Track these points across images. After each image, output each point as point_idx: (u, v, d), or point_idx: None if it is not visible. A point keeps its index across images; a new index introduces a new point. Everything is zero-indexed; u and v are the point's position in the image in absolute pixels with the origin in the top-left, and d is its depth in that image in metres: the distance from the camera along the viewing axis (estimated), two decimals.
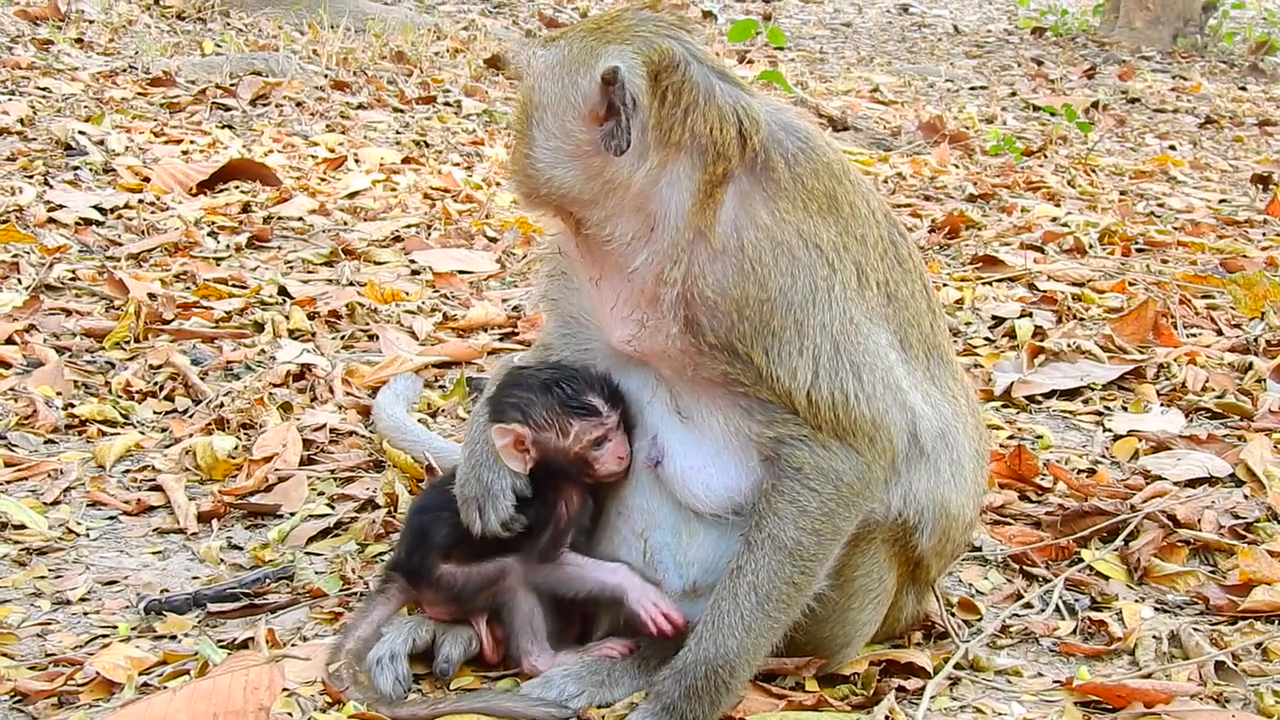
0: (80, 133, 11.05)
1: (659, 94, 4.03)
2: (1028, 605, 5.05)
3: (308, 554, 5.31)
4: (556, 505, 4.41)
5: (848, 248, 4.17)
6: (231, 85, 13.40)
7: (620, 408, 4.38)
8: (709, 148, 4.04)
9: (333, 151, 11.67)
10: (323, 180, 10.83)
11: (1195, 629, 4.78)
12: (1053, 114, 15.93)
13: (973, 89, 18.72)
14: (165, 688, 4.26)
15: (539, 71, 4.15)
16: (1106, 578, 5.22)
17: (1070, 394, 7.04)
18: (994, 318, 8.15)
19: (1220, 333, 7.91)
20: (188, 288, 8.19)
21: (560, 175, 4.13)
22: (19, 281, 8.03)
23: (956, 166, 12.99)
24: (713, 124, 4.04)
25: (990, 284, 8.81)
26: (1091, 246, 9.80)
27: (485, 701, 4.21)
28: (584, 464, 4.38)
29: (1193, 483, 5.96)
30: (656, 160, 4.04)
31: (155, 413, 6.56)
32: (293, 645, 4.58)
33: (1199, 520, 5.50)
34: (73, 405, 6.50)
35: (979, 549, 5.37)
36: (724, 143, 4.05)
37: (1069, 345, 7.43)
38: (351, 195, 10.47)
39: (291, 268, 8.80)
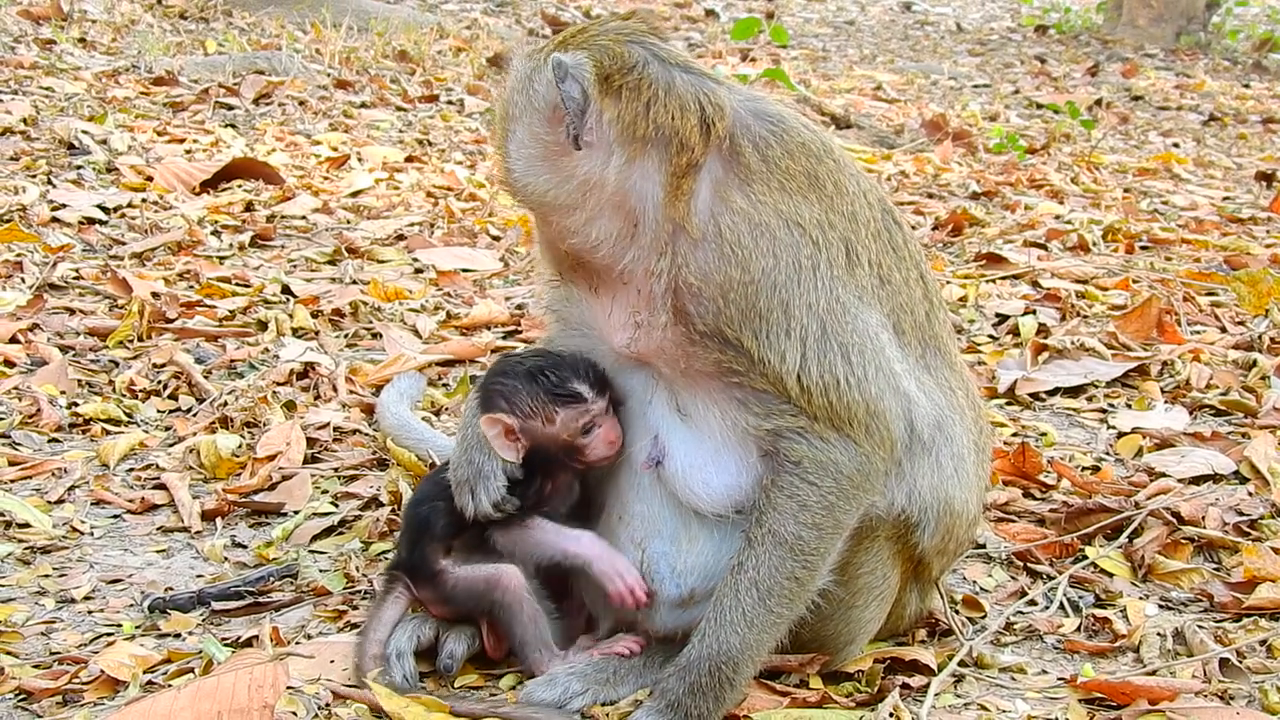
0: (83, 132, 11.05)
1: (614, 90, 4.06)
2: (1032, 602, 5.05)
3: (312, 552, 5.31)
4: (543, 486, 4.44)
5: (834, 225, 4.16)
6: (234, 84, 13.41)
7: (607, 393, 4.39)
8: (672, 138, 4.06)
9: (336, 150, 11.67)
10: (326, 179, 10.84)
11: (1199, 626, 4.78)
12: (1056, 111, 15.95)
13: (976, 87, 18.72)
14: (170, 686, 4.26)
15: (508, 87, 4.24)
16: (1111, 575, 5.22)
17: (1074, 391, 7.04)
18: (998, 315, 8.15)
19: (1224, 330, 7.92)
20: (191, 286, 8.20)
21: (535, 181, 4.17)
22: (23, 280, 8.03)
23: (960, 164, 12.99)
24: (673, 114, 4.06)
25: (994, 281, 8.81)
26: (1095, 244, 9.81)
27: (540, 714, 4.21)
28: (574, 450, 4.40)
29: (1197, 480, 5.96)
30: (624, 156, 4.06)
31: (159, 411, 6.57)
32: (297, 643, 4.58)
33: (1203, 517, 5.51)
34: (76, 404, 6.50)
35: (983, 546, 5.37)
36: (686, 132, 4.06)
37: (1073, 343, 7.43)
38: (354, 194, 10.48)
39: (295, 266, 8.81)
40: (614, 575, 4.32)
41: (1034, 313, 8.05)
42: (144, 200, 9.80)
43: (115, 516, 5.60)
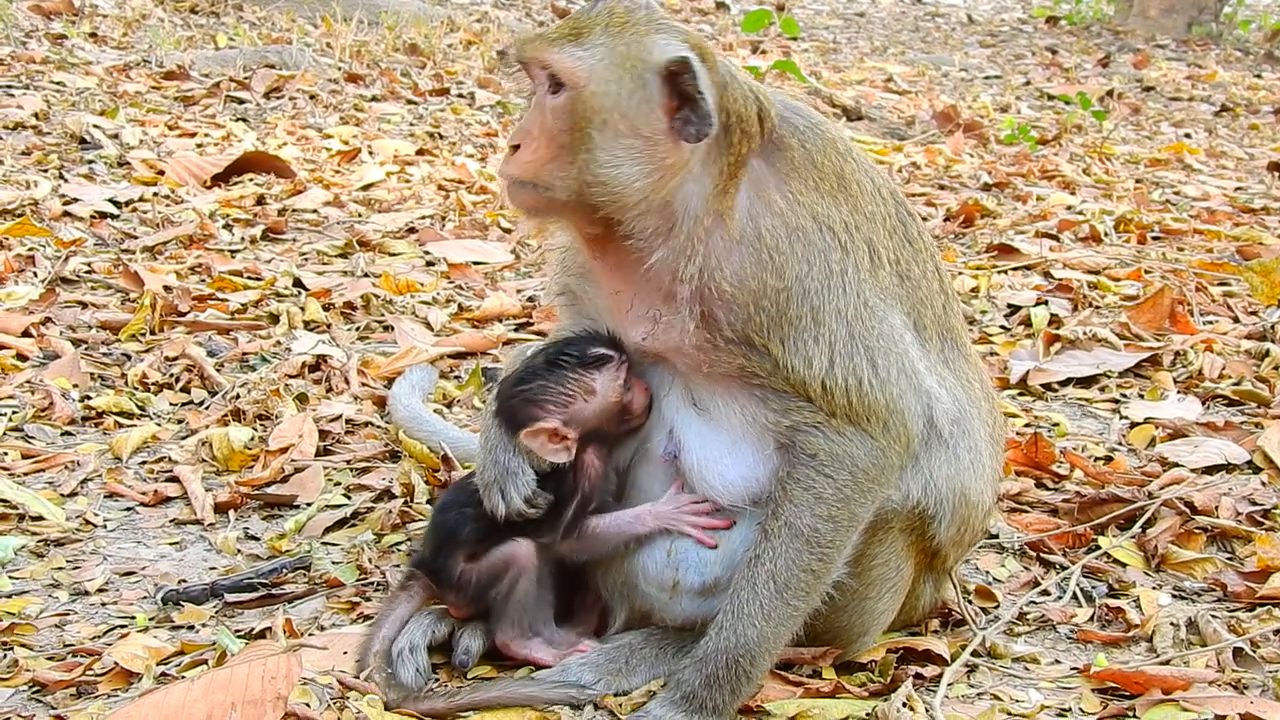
0: (95, 126, 11.05)
1: (712, 77, 4.01)
2: (1045, 592, 5.05)
3: (324, 544, 5.31)
4: (578, 479, 4.37)
5: (859, 227, 4.15)
6: (245, 78, 13.41)
7: (621, 347, 4.34)
8: (736, 127, 4.04)
9: (347, 144, 11.66)
10: (337, 172, 10.84)
11: (1213, 616, 4.77)
12: (1067, 102, 15.93)
13: (987, 78, 18.70)
14: (183, 678, 4.27)
15: (587, 75, 4.00)
16: (1124, 565, 5.22)
17: (1087, 382, 7.03)
18: (1010, 306, 8.14)
19: (1236, 320, 7.90)
20: (203, 280, 8.20)
21: (623, 175, 4.00)
22: (35, 275, 8.04)
23: (971, 155, 12.97)
24: (741, 100, 4.05)
25: (1006, 272, 8.80)
26: (1107, 234, 9.79)
27: (502, 690, 4.20)
28: (622, 413, 4.35)
29: (1210, 470, 5.95)
30: (705, 146, 4.03)
31: (171, 404, 6.57)
32: (310, 635, 4.59)
33: (1216, 507, 5.50)
34: (89, 397, 6.51)
35: (996, 536, 5.37)
36: (749, 121, 4.06)
37: (1085, 333, 7.42)
38: (366, 187, 10.48)
39: (306, 259, 8.81)
40: (692, 530, 4.31)
41: (1046, 303, 8.03)
42: (155, 194, 9.80)
43: (128, 509, 5.60)
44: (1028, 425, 6.46)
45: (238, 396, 6.49)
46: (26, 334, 7.17)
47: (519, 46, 4.12)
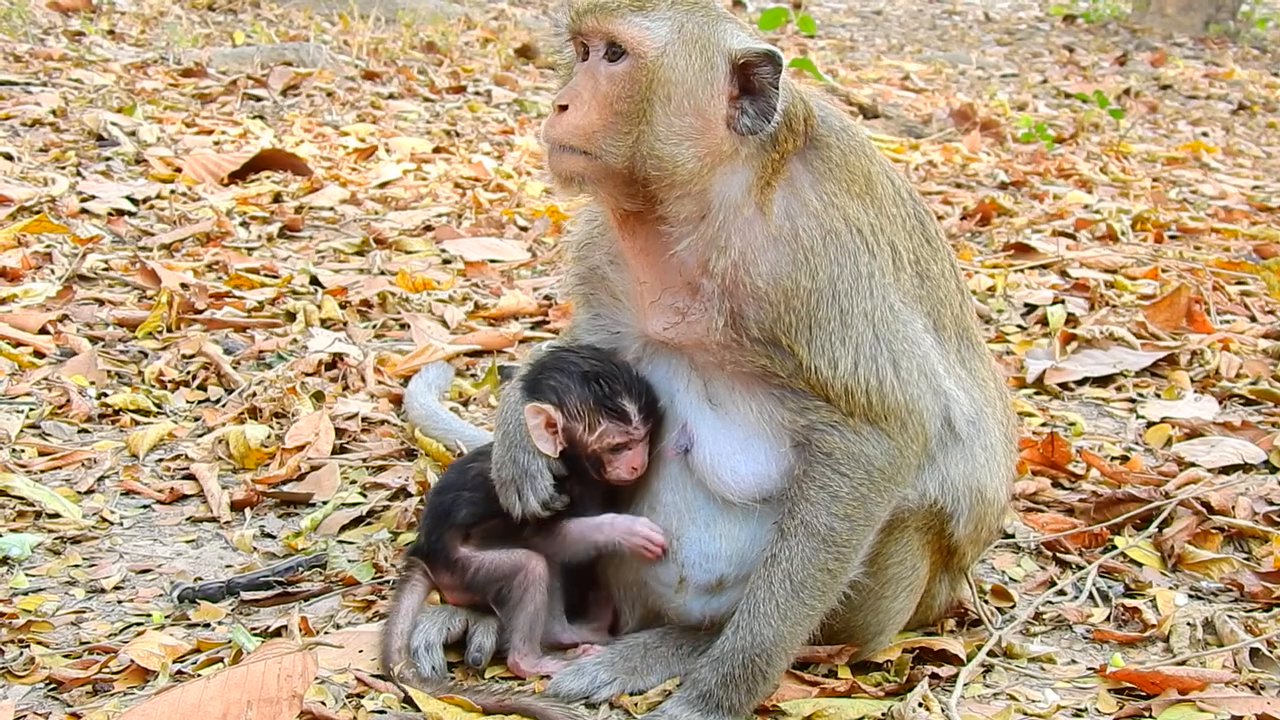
0: (112, 124, 11.07)
1: None
2: (1061, 592, 5.04)
3: (340, 542, 5.32)
4: (574, 486, 4.41)
5: (883, 229, 4.15)
6: (262, 76, 13.43)
7: (652, 421, 4.34)
8: (784, 125, 4.03)
9: (363, 141, 11.68)
10: (354, 170, 10.85)
11: (1229, 616, 4.75)
12: (1084, 101, 15.90)
13: (1004, 76, 18.67)
14: (199, 675, 4.27)
15: (656, 46, 3.96)
16: (1140, 565, 5.21)
17: (1103, 381, 7.02)
18: (1026, 305, 8.13)
19: (1254, 319, 7.88)
20: (220, 277, 8.21)
21: (679, 153, 3.98)
22: (52, 272, 8.05)
23: (988, 154, 12.96)
24: (789, 102, 4.04)
25: (1022, 271, 8.78)
26: (1124, 233, 9.78)
27: (543, 701, 4.18)
28: (597, 461, 4.38)
29: (1226, 469, 5.94)
30: (756, 137, 4.02)
31: (188, 402, 6.58)
32: (326, 633, 4.59)
33: (1233, 507, 5.48)
34: (106, 395, 6.52)
35: (1012, 536, 5.36)
36: (796, 120, 4.06)
37: (1102, 332, 7.41)
38: (382, 185, 10.49)
39: (323, 257, 8.82)
40: (631, 535, 4.33)
41: (1062, 302, 8.02)
42: (173, 191, 9.82)
43: (145, 507, 5.61)
44: (1044, 425, 6.45)
45: (254, 394, 6.50)
46: (44, 331, 7.19)
47: (577, 15, 4.04)
